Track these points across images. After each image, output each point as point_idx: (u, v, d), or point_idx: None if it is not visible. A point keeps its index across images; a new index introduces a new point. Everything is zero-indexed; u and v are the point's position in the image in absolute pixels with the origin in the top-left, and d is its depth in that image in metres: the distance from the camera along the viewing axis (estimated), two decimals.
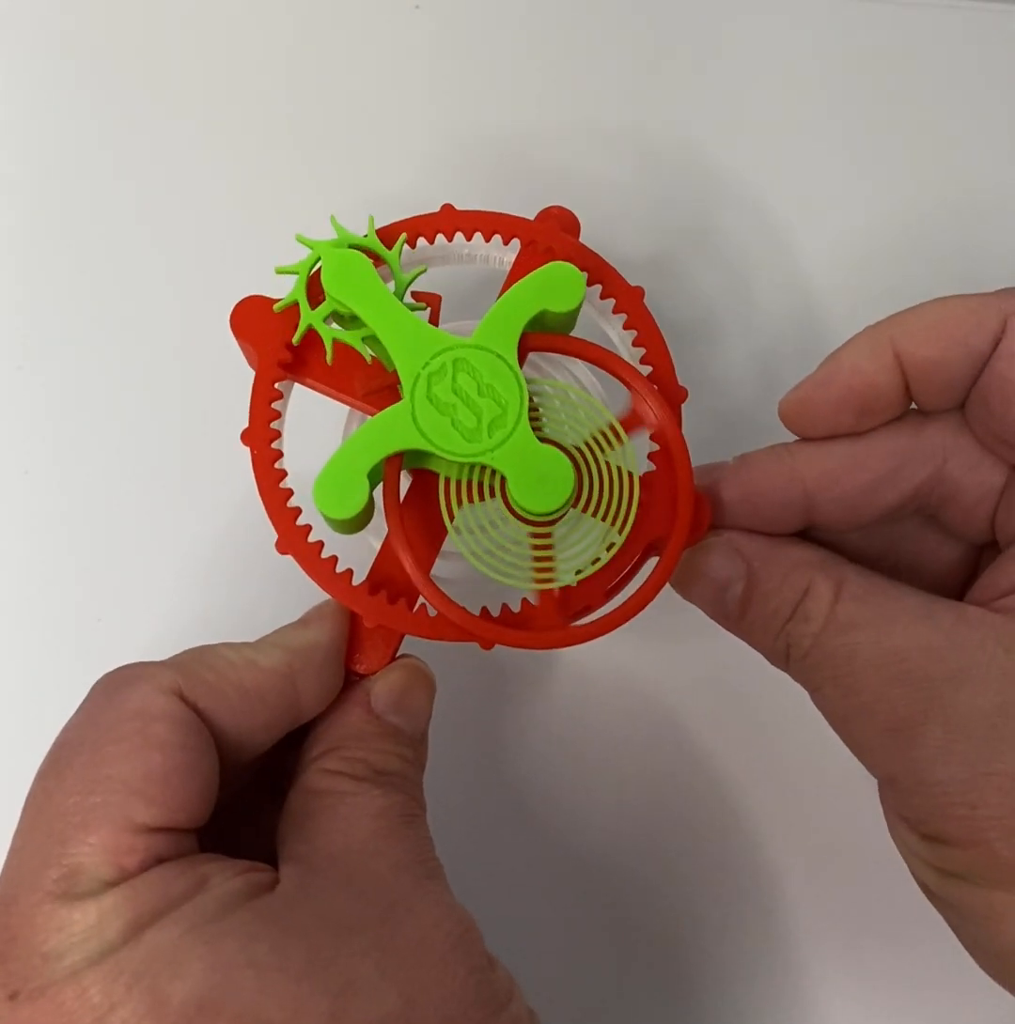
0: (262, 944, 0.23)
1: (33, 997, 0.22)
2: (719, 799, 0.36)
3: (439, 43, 0.44)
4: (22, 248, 0.41)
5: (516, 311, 0.29)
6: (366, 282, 0.29)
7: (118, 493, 0.38)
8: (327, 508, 0.27)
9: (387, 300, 0.29)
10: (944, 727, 0.25)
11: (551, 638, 0.28)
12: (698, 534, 0.29)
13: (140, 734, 0.25)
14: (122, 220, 0.41)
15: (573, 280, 0.29)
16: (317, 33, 0.44)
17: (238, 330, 0.30)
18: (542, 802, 0.36)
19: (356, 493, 0.27)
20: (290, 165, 0.42)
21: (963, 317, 0.27)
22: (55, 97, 0.42)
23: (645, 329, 0.31)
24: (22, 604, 0.38)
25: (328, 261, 0.29)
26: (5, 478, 0.39)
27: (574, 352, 0.30)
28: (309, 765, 0.28)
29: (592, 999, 0.35)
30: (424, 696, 0.30)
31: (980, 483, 0.29)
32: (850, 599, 0.27)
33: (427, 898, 0.25)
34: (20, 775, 0.26)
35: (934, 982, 0.34)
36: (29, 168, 0.42)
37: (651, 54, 0.44)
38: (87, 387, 0.40)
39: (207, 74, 0.43)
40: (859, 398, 0.28)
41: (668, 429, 0.29)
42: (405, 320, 0.29)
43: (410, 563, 0.28)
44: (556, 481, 0.28)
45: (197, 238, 0.41)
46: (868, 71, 0.44)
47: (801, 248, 0.41)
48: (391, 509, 0.28)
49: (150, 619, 0.37)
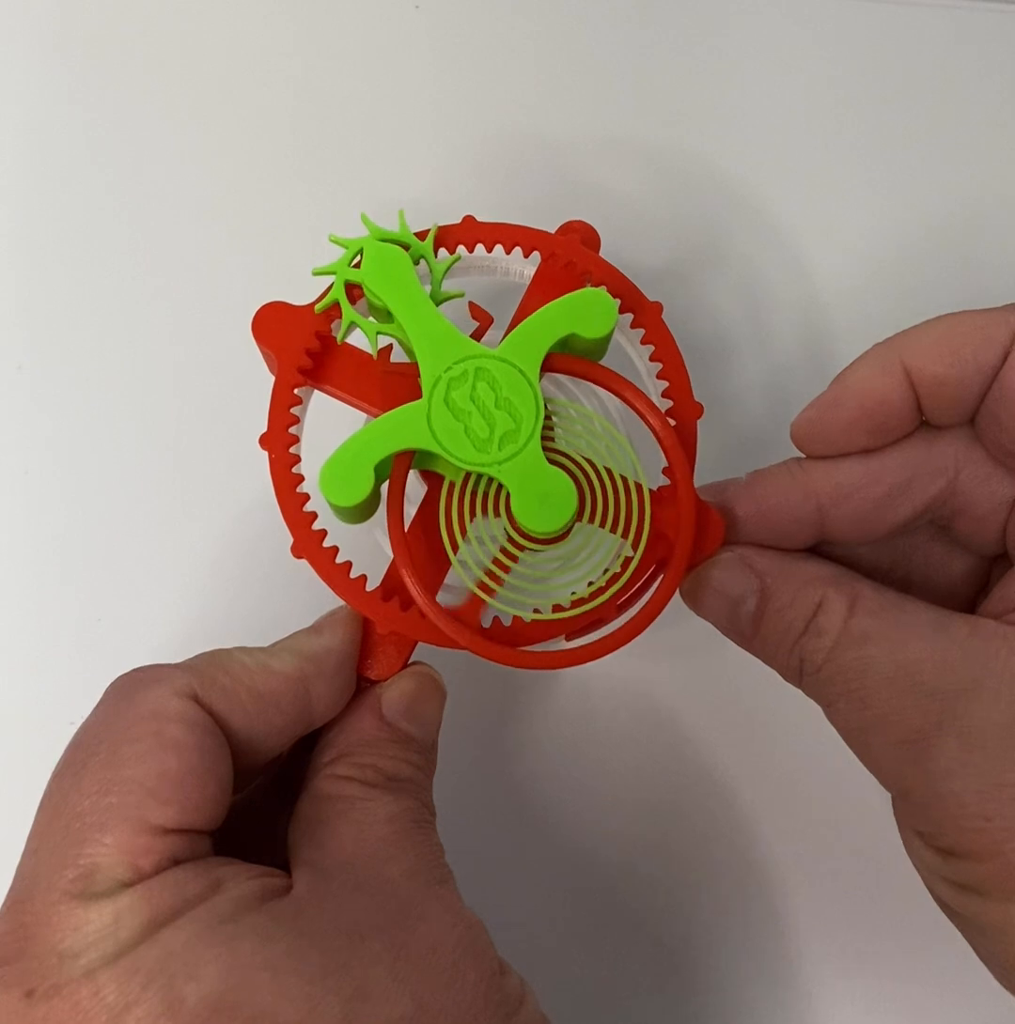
0: (277, 946, 0.23)
1: (49, 995, 0.22)
2: (725, 802, 0.37)
3: (439, 44, 0.44)
4: (22, 248, 0.41)
5: (545, 330, 0.29)
6: (404, 279, 0.29)
7: (118, 493, 0.38)
8: (330, 493, 0.27)
9: (421, 300, 0.29)
10: (959, 739, 0.25)
11: (556, 658, 0.28)
12: (712, 550, 0.29)
13: (156, 736, 0.25)
14: (122, 220, 0.41)
15: (606, 308, 0.29)
16: (317, 34, 0.44)
17: (259, 335, 0.30)
18: (550, 807, 0.36)
19: (361, 483, 0.27)
20: (290, 168, 0.42)
21: (971, 332, 0.27)
22: (55, 96, 0.42)
23: (663, 344, 0.31)
24: (22, 604, 0.37)
25: (369, 254, 0.29)
26: (5, 478, 0.38)
27: (593, 378, 0.30)
28: (320, 771, 0.28)
29: (601, 1001, 0.35)
30: (435, 703, 0.30)
31: (991, 495, 0.29)
32: (864, 613, 0.27)
33: (438, 904, 0.25)
34: (20, 775, 0.26)
35: (936, 982, 0.34)
36: (29, 169, 0.42)
37: (659, 64, 0.44)
38: (87, 387, 0.39)
39: (206, 77, 0.43)
40: (871, 418, 0.28)
41: (666, 440, 0.29)
42: (435, 322, 0.29)
43: (413, 584, 0.28)
44: (558, 503, 0.28)
45: (198, 240, 0.41)
46: (883, 80, 0.44)
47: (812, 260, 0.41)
48: (394, 506, 0.28)
49: (150, 619, 0.37)
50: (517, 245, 0.31)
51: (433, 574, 0.29)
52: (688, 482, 0.29)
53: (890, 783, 0.27)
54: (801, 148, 0.43)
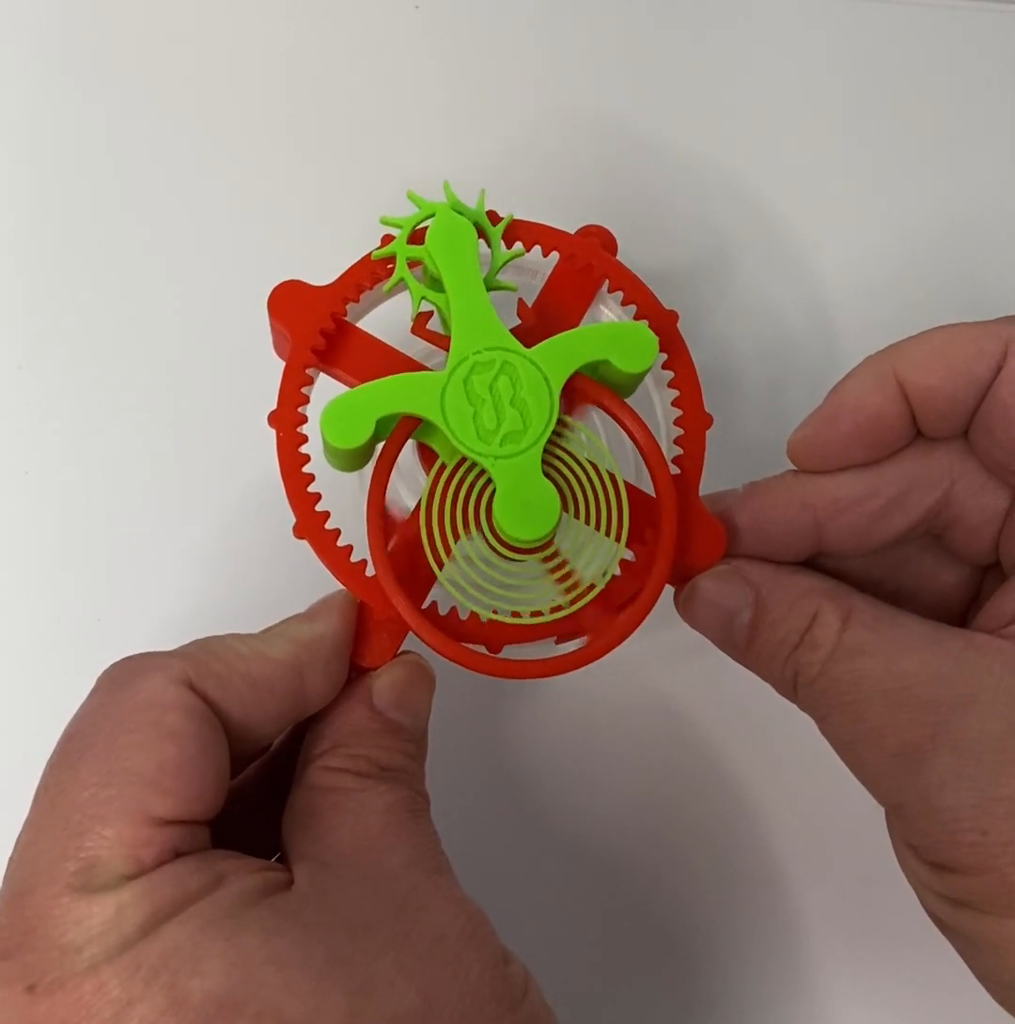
0: (281, 941, 0.23)
1: (52, 990, 0.22)
2: (728, 798, 0.37)
3: (439, 44, 0.44)
4: (22, 248, 0.41)
5: (582, 348, 0.29)
6: (466, 253, 0.29)
7: (118, 493, 0.38)
8: (327, 430, 0.27)
9: (475, 278, 0.29)
10: (953, 752, 0.25)
11: (541, 667, 0.28)
12: (713, 559, 0.29)
13: (153, 725, 0.25)
14: (122, 220, 0.41)
15: (646, 345, 0.29)
16: (316, 34, 0.44)
17: (275, 312, 0.30)
18: (545, 797, 0.37)
19: (359, 430, 0.27)
20: (289, 167, 0.42)
21: (965, 345, 0.28)
22: (55, 95, 0.42)
23: (676, 353, 0.31)
24: (22, 604, 0.37)
25: (441, 220, 0.29)
26: (5, 478, 0.38)
27: (607, 408, 0.30)
28: (312, 762, 0.28)
29: (602, 992, 0.35)
30: (425, 692, 0.30)
31: (984, 507, 0.29)
32: (858, 626, 0.27)
33: (439, 893, 0.25)
34: (20, 775, 0.26)
35: (938, 982, 0.34)
36: (29, 168, 0.42)
37: (661, 63, 0.44)
38: (87, 387, 0.39)
39: (206, 76, 0.43)
40: (867, 433, 0.29)
41: (647, 447, 0.29)
42: (481, 304, 0.29)
43: (398, 598, 0.28)
44: (539, 515, 0.28)
45: (197, 238, 0.41)
46: (888, 84, 0.44)
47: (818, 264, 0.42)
48: (381, 470, 0.28)
49: (150, 619, 0.37)
50: (538, 244, 0.31)
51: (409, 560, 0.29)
52: (669, 489, 0.29)
53: (884, 796, 0.27)
54: (807, 160, 0.43)
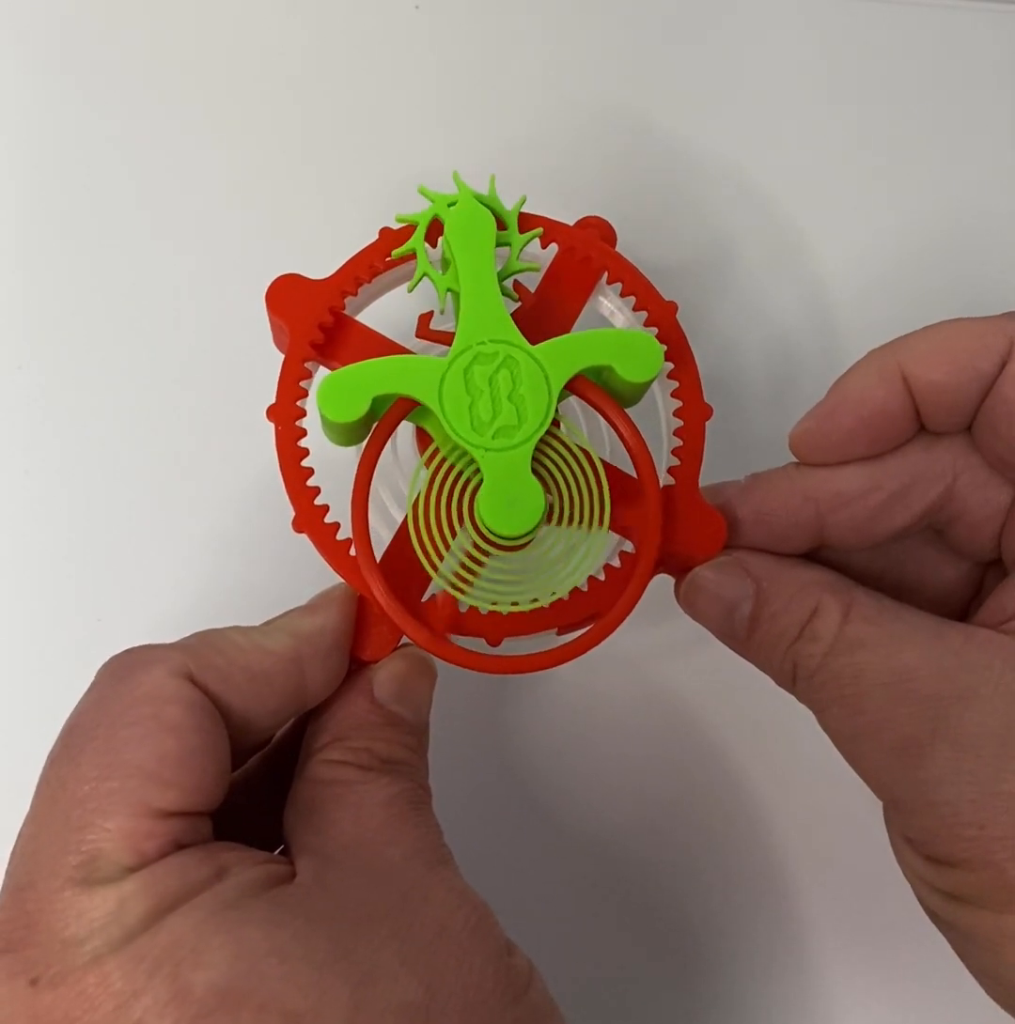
0: (284, 933, 0.23)
1: (55, 983, 0.22)
2: (729, 791, 0.37)
3: (439, 44, 0.44)
4: (23, 247, 0.41)
5: (587, 350, 0.29)
6: (483, 242, 0.29)
7: (118, 493, 0.38)
8: (324, 402, 0.27)
9: (489, 270, 0.29)
10: (952, 746, 0.25)
11: (534, 661, 0.28)
12: (714, 550, 0.29)
13: (154, 718, 0.25)
14: (122, 218, 0.41)
15: (651, 357, 0.29)
16: (316, 34, 0.44)
17: (273, 306, 0.30)
18: (547, 789, 0.37)
19: (354, 406, 0.27)
20: (289, 163, 0.42)
21: (970, 340, 0.28)
22: (57, 92, 0.42)
23: (675, 344, 0.31)
24: (22, 603, 0.37)
25: (462, 208, 0.29)
26: (5, 478, 0.38)
27: (604, 414, 0.30)
28: (314, 755, 0.28)
29: (601, 983, 0.35)
30: (426, 684, 0.30)
31: (987, 502, 0.29)
32: (859, 620, 0.27)
33: (442, 885, 0.25)
34: (20, 775, 0.26)
35: (938, 980, 0.34)
36: (30, 166, 0.42)
37: (663, 57, 0.44)
38: (87, 387, 0.39)
39: (207, 74, 0.43)
40: (870, 427, 0.28)
41: (630, 438, 0.29)
42: (492, 296, 0.29)
43: (386, 600, 0.28)
44: (523, 512, 0.28)
45: (199, 238, 0.41)
46: (888, 84, 0.44)
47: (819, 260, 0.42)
48: (371, 449, 0.28)
49: (150, 619, 0.36)
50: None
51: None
52: (654, 480, 0.29)
53: (882, 790, 0.27)
54: (808, 156, 0.43)
